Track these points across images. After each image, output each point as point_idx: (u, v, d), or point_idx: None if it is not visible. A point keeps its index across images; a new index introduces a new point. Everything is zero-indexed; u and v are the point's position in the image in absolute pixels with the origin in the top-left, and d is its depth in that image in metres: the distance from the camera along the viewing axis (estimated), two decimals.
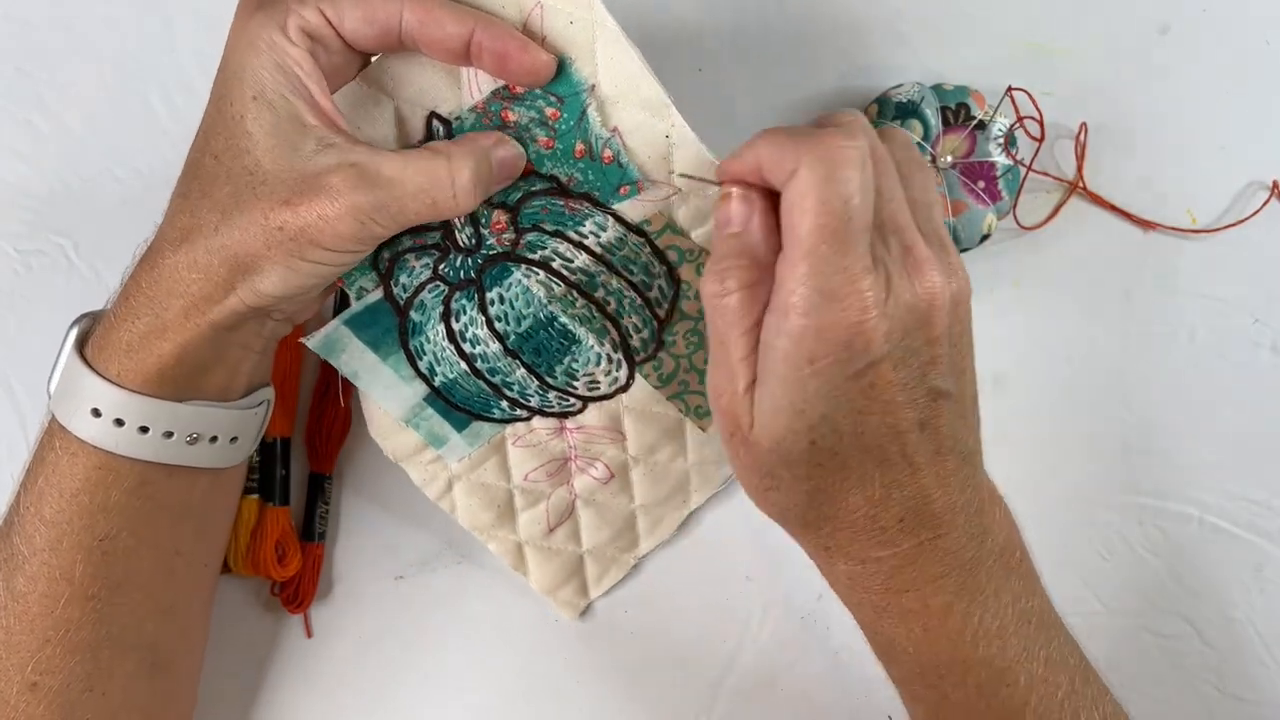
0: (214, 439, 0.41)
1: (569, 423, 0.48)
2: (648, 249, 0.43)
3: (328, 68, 0.38)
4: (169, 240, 0.38)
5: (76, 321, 0.41)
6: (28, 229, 0.52)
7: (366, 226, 0.37)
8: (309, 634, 0.52)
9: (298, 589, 0.51)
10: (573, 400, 0.47)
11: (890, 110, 0.49)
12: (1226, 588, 0.52)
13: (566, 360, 0.45)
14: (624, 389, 0.46)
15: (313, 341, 0.43)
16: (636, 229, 0.42)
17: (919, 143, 0.49)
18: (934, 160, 0.49)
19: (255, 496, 0.50)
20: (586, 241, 0.42)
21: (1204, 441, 0.52)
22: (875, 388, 0.35)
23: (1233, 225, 0.52)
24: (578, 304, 0.44)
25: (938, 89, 0.49)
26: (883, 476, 0.37)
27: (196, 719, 0.48)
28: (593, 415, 0.47)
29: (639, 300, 0.44)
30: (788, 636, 0.52)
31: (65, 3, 0.52)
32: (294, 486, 0.51)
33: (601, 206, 0.42)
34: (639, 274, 0.43)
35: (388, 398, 0.46)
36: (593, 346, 0.44)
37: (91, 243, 0.52)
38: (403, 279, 0.43)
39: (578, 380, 0.46)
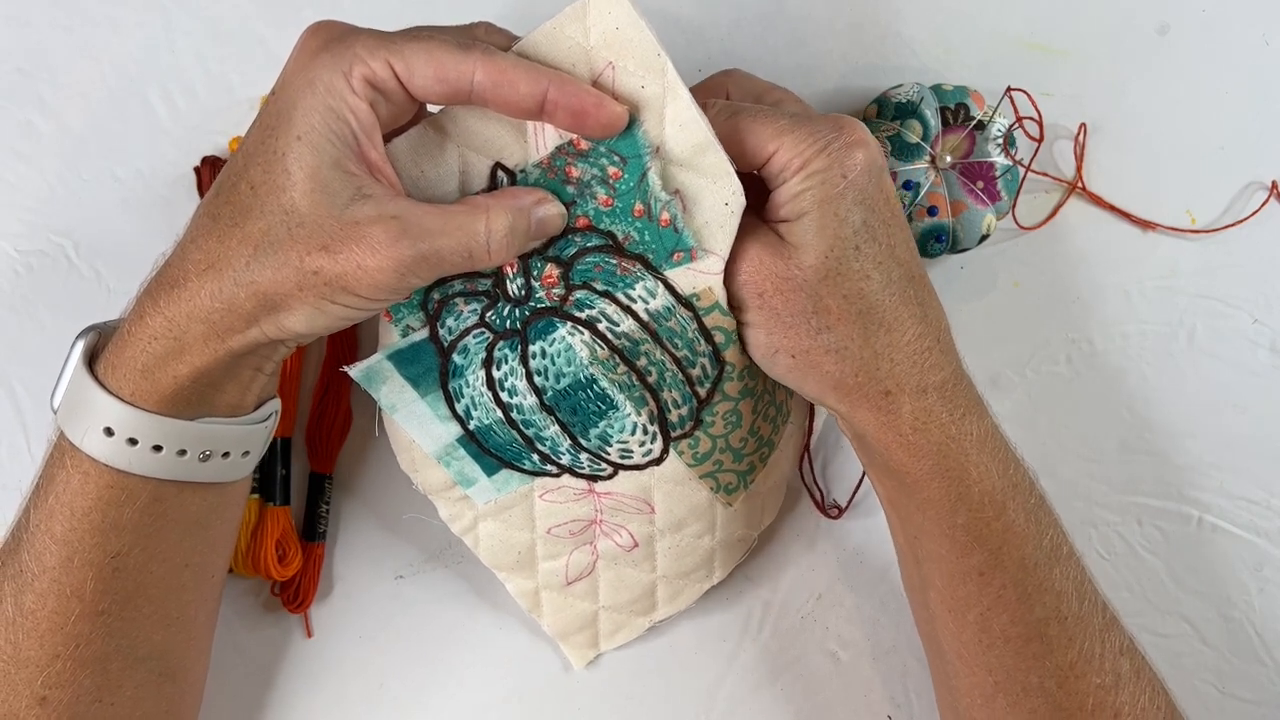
0: (225, 454, 0.41)
1: (598, 486, 0.47)
2: (695, 325, 0.42)
3: (386, 116, 0.38)
4: (194, 263, 0.38)
5: (82, 335, 0.40)
6: (28, 229, 0.52)
7: (404, 278, 0.37)
8: (309, 634, 0.52)
9: (298, 589, 0.51)
10: (604, 465, 0.46)
11: (890, 110, 0.49)
12: (1226, 588, 0.52)
13: (601, 425, 0.44)
14: (656, 462, 0.46)
15: (355, 371, 0.44)
16: (686, 301, 0.42)
17: (918, 143, 0.49)
18: (933, 160, 0.49)
19: (255, 496, 0.50)
20: (635, 306, 0.42)
21: (1203, 441, 0.52)
22: (890, 200, 0.41)
23: (1232, 225, 0.52)
24: (619, 369, 0.43)
25: (937, 89, 0.49)
26: (917, 294, 0.41)
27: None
28: (622, 483, 0.47)
29: (680, 376, 0.43)
30: (788, 636, 0.52)
31: (65, 3, 0.52)
32: (294, 486, 0.51)
33: (653, 270, 0.41)
34: (683, 349, 0.43)
35: (422, 434, 0.46)
36: (629, 415, 0.44)
37: (91, 243, 0.52)
38: (449, 321, 0.43)
39: (610, 446, 0.45)
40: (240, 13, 0.52)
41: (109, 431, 0.38)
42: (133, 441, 0.38)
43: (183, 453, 0.39)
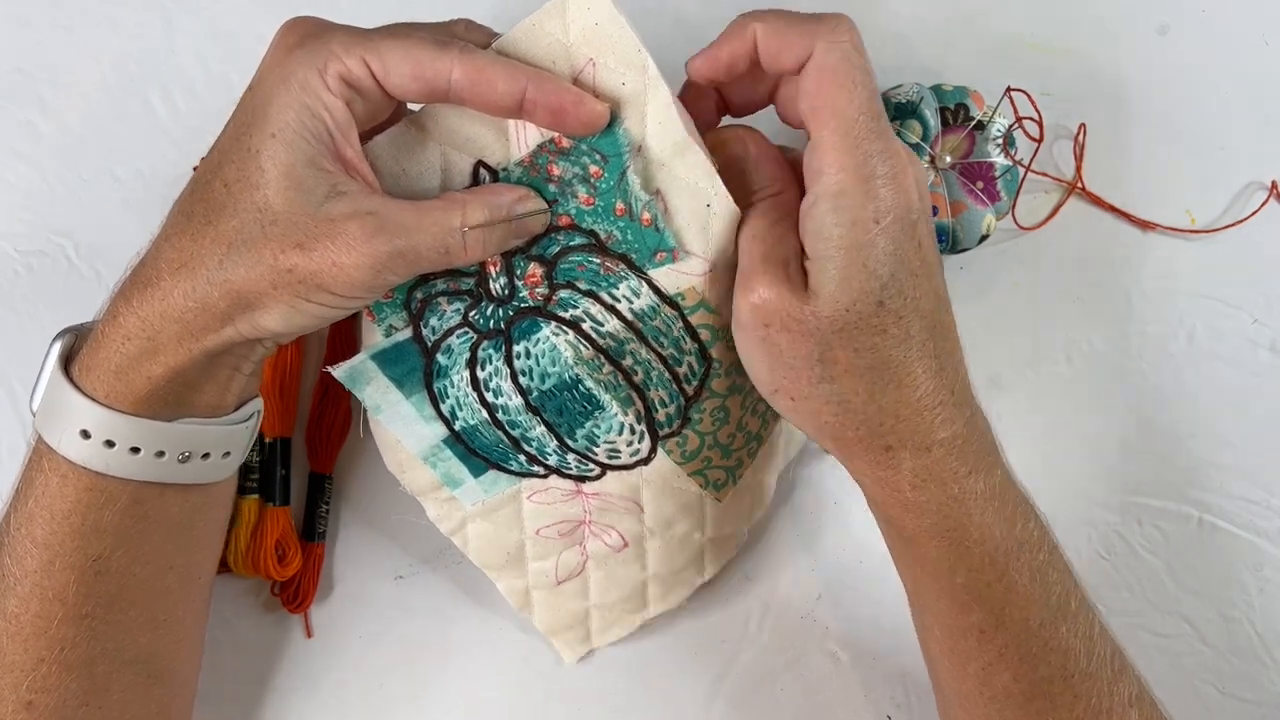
0: (205, 455, 0.40)
1: (586, 487, 0.47)
2: (680, 323, 0.42)
3: (362, 114, 0.37)
4: (168, 262, 0.37)
5: (58, 337, 0.40)
6: (28, 229, 0.52)
7: (380, 274, 0.36)
8: (309, 634, 0.52)
9: (298, 589, 0.51)
10: (591, 465, 0.46)
11: (890, 110, 0.49)
12: (1225, 588, 0.52)
13: (588, 425, 0.44)
14: (644, 462, 0.46)
15: (339, 372, 0.43)
16: (670, 300, 0.41)
17: (918, 143, 0.49)
18: (933, 161, 0.49)
19: (255, 496, 0.50)
20: (619, 306, 0.42)
21: (1203, 441, 0.52)
22: (922, 248, 0.38)
23: (1232, 225, 0.52)
24: (604, 369, 0.43)
25: (937, 89, 0.49)
26: (936, 346, 0.38)
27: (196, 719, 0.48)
28: (611, 483, 0.47)
29: (667, 375, 0.43)
30: (788, 636, 0.52)
31: (65, 3, 0.52)
32: (294, 486, 0.51)
33: (637, 270, 0.41)
34: (669, 348, 0.42)
35: (407, 435, 0.45)
36: (616, 415, 0.44)
37: (91, 243, 0.52)
38: (433, 321, 0.43)
39: (598, 446, 0.45)
40: (240, 13, 0.52)
41: (85, 434, 0.38)
42: (110, 443, 0.38)
43: (161, 454, 0.39)
